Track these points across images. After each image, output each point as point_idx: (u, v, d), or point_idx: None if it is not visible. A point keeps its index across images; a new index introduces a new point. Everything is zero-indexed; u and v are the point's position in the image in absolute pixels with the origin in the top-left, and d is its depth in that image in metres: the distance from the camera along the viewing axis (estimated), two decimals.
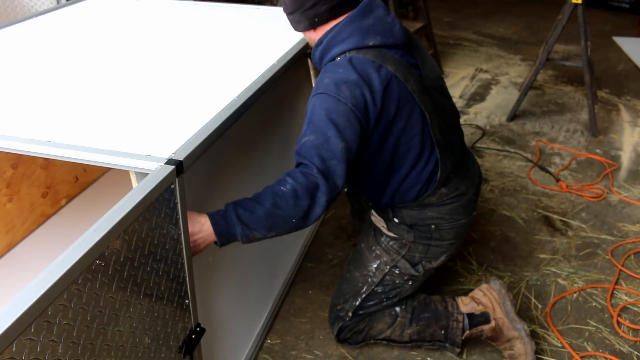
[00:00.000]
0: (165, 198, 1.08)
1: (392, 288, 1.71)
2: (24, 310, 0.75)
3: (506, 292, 1.76)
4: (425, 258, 1.68)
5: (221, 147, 1.35)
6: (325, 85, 1.37)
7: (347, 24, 1.44)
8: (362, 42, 1.43)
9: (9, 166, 1.73)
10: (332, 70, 1.41)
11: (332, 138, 1.33)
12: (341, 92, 1.35)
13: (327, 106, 1.35)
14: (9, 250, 1.79)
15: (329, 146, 1.33)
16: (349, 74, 1.37)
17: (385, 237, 1.69)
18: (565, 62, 3.47)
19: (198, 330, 1.32)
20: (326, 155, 1.32)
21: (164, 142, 1.19)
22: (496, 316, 1.73)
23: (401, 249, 1.68)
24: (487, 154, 3.10)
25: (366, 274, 1.71)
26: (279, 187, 1.29)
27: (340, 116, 1.34)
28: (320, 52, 1.49)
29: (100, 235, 0.90)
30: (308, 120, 1.37)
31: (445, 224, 1.64)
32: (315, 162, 1.32)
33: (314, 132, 1.34)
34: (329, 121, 1.33)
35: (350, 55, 1.42)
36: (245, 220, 1.25)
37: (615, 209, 2.62)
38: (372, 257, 1.71)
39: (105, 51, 1.72)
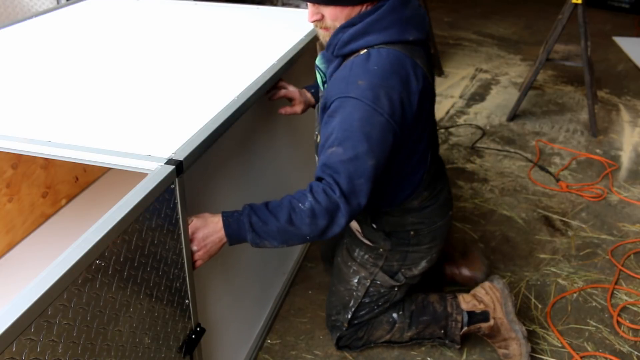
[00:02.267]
0: (165, 198, 1.08)
1: (379, 297, 1.68)
2: (24, 310, 0.75)
3: (509, 293, 1.76)
4: (404, 265, 1.64)
5: (221, 147, 1.35)
6: (360, 90, 1.20)
7: (389, 12, 1.26)
8: (401, 36, 1.26)
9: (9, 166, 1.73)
10: (365, 69, 1.22)
11: (362, 155, 1.20)
12: (379, 101, 1.20)
13: (361, 116, 1.20)
14: (9, 250, 1.78)
15: (358, 164, 1.20)
16: (387, 77, 1.22)
17: (358, 250, 1.64)
18: (565, 62, 3.47)
19: (198, 330, 1.32)
20: (354, 173, 1.20)
21: (164, 142, 1.19)
22: (496, 315, 1.73)
23: (377, 261, 1.62)
24: (487, 154, 3.10)
25: (350, 288, 1.69)
26: (298, 203, 1.21)
27: (376, 130, 1.20)
28: (349, 36, 1.27)
29: (100, 235, 0.90)
30: (337, 127, 1.21)
31: (424, 229, 1.59)
32: (341, 182, 1.20)
33: (342, 145, 1.20)
34: (362, 135, 1.19)
35: (385, 51, 1.24)
36: (258, 229, 1.21)
37: (615, 209, 2.62)
38: (350, 272, 1.67)
39: (105, 51, 1.72)
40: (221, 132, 1.29)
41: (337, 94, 1.24)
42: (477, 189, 2.76)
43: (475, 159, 3.05)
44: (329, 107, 1.26)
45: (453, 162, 3.01)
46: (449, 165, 2.97)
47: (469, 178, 2.85)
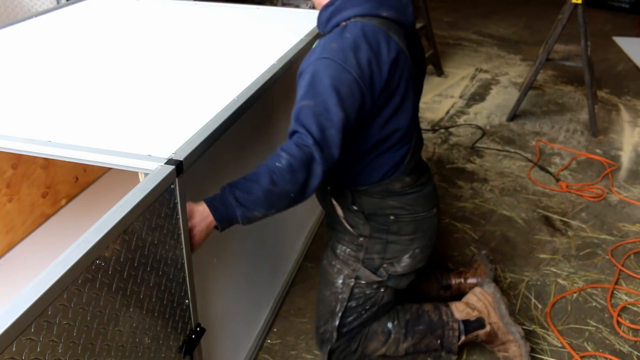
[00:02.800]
0: (165, 198, 1.08)
1: (365, 299, 1.64)
2: (24, 310, 0.75)
3: (500, 296, 1.74)
4: (385, 259, 1.61)
5: (221, 147, 1.35)
6: (331, 51, 1.30)
7: None
8: (375, 10, 1.36)
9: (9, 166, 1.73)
10: (340, 35, 1.33)
11: (332, 107, 1.28)
12: (348, 59, 1.29)
13: (331, 73, 1.28)
14: (9, 250, 1.79)
15: (329, 115, 1.27)
16: (358, 42, 1.31)
17: (340, 246, 1.63)
18: (565, 62, 3.47)
19: (198, 330, 1.32)
20: (325, 123, 1.27)
21: (164, 142, 1.19)
22: (491, 320, 1.70)
23: (358, 253, 1.60)
24: (487, 154, 3.10)
25: (335, 291, 1.66)
26: (274, 163, 1.25)
27: (344, 85, 1.28)
28: (330, 13, 1.41)
29: (100, 235, 0.90)
30: (308, 84, 1.30)
31: (405, 215, 1.57)
32: (312, 130, 1.27)
33: (313, 98, 1.28)
34: (332, 89, 1.27)
35: (360, 22, 1.35)
36: (244, 201, 1.22)
37: (615, 209, 2.62)
38: (334, 272, 1.65)
39: (105, 51, 1.72)
40: (221, 132, 1.29)
41: (313, 58, 1.32)
42: (477, 189, 2.76)
43: (475, 159, 3.05)
44: (304, 71, 1.34)
45: (453, 162, 3.01)
46: (449, 165, 2.97)
47: (469, 178, 2.86)
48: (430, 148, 3.15)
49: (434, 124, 3.46)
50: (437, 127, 3.41)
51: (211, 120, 1.29)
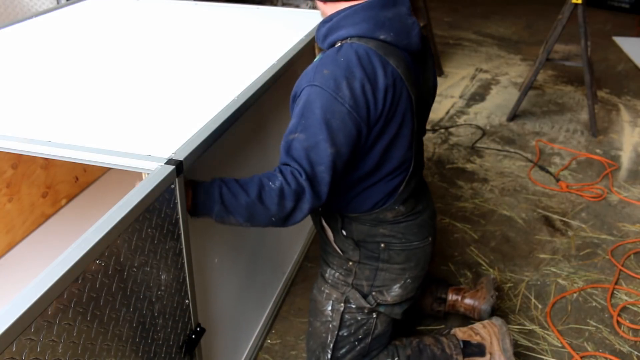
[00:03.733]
0: (165, 198, 1.08)
1: (357, 327, 1.56)
2: (24, 310, 0.75)
3: (507, 331, 1.68)
4: (374, 287, 1.52)
5: (221, 147, 1.35)
6: (324, 79, 1.23)
7: (363, 9, 1.29)
8: (372, 33, 1.28)
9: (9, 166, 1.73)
10: (333, 60, 1.25)
11: (322, 142, 1.22)
12: (340, 90, 1.21)
13: (322, 104, 1.22)
14: (9, 250, 1.78)
15: (318, 151, 1.22)
16: (352, 68, 1.23)
17: (329, 270, 1.56)
18: (565, 62, 3.47)
19: (198, 330, 1.32)
20: (314, 159, 1.22)
21: (164, 142, 1.19)
22: (493, 350, 1.65)
23: (347, 278, 1.53)
24: (487, 154, 3.10)
25: (325, 320, 1.57)
26: (268, 181, 1.21)
27: (336, 118, 1.22)
28: (327, 30, 1.34)
29: (100, 235, 0.90)
30: (300, 114, 1.25)
31: (396, 244, 1.49)
32: (304, 166, 1.22)
33: (304, 131, 1.23)
34: (323, 122, 1.21)
35: (356, 45, 1.26)
36: (227, 202, 1.19)
37: (615, 209, 2.62)
38: (324, 298, 1.58)
39: (105, 51, 1.72)
40: (221, 132, 1.29)
41: (305, 82, 1.27)
42: (477, 189, 2.76)
43: (475, 159, 3.05)
44: (299, 95, 1.29)
45: (453, 162, 3.01)
46: (449, 165, 2.97)
47: (469, 178, 2.86)
48: (430, 148, 3.15)
49: (434, 124, 3.46)
50: (437, 127, 3.41)
51: (211, 120, 1.29)
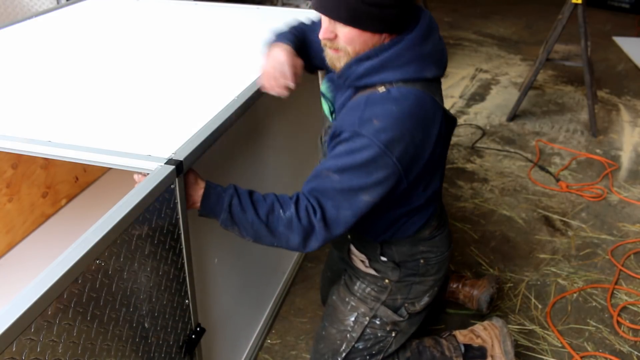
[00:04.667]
0: (165, 198, 1.08)
1: (374, 343, 1.52)
2: (24, 310, 0.75)
3: (508, 332, 1.68)
4: (407, 299, 1.51)
5: (221, 147, 1.35)
6: (374, 130, 1.12)
7: (408, 48, 1.16)
8: (420, 73, 1.17)
9: (9, 166, 1.73)
10: (383, 109, 1.13)
11: (359, 192, 1.15)
12: (391, 145, 1.12)
13: (369, 155, 1.12)
14: (9, 250, 1.79)
15: (351, 199, 1.15)
16: (405, 120, 1.13)
17: (359, 284, 1.51)
18: (565, 62, 3.47)
19: (198, 330, 1.32)
20: (343, 204, 1.16)
21: (164, 142, 1.19)
22: (494, 353, 1.65)
23: (380, 294, 1.49)
24: (487, 154, 3.10)
25: (344, 330, 1.53)
26: (279, 208, 1.17)
27: (380, 170, 1.13)
28: (366, 69, 1.17)
29: (100, 235, 0.90)
30: (341, 156, 1.15)
31: (432, 258, 1.49)
32: (326, 208, 1.16)
33: (341, 174, 1.14)
34: (365, 172, 1.13)
35: (405, 91, 1.15)
36: (234, 213, 1.17)
37: (615, 209, 2.62)
38: (347, 309, 1.52)
39: (105, 51, 1.72)
40: (221, 132, 1.29)
41: (350, 126, 1.16)
42: (477, 189, 2.76)
43: (475, 159, 3.05)
44: (339, 136, 1.18)
45: (453, 162, 3.01)
46: (449, 165, 2.97)
47: (469, 178, 2.86)
48: None
49: None
50: None
51: (211, 120, 1.29)
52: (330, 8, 1.11)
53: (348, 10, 1.10)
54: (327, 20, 1.15)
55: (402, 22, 1.15)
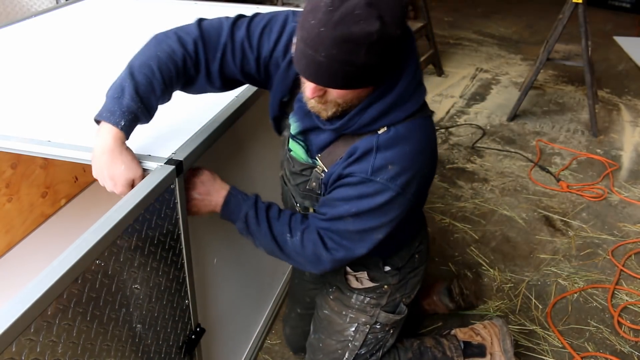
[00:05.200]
0: (165, 198, 1.07)
1: (375, 344, 1.52)
2: (24, 310, 0.75)
3: (507, 331, 1.68)
4: (405, 295, 1.51)
5: (221, 147, 1.35)
6: (389, 176, 1.07)
7: (411, 81, 1.07)
8: (419, 101, 1.11)
9: (9, 166, 1.72)
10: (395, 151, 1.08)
11: (375, 231, 1.14)
12: (408, 186, 1.09)
13: (385, 200, 1.09)
14: (8, 250, 1.78)
15: (366, 237, 1.14)
16: (418, 157, 1.09)
17: (355, 296, 1.47)
18: (565, 62, 3.47)
19: (198, 330, 1.32)
20: (358, 244, 1.15)
21: (163, 142, 1.19)
22: (493, 351, 1.66)
23: (380, 300, 1.46)
24: (487, 153, 3.10)
25: (344, 340, 1.49)
26: (288, 231, 1.18)
27: (395, 209, 1.11)
28: (372, 117, 1.07)
29: (100, 235, 0.89)
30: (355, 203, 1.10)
31: (423, 247, 1.50)
32: (341, 247, 1.16)
33: (356, 217, 1.12)
34: (381, 214, 1.11)
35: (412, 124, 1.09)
36: (250, 224, 1.19)
37: (615, 209, 2.62)
38: (346, 322, 1.49)
39: (104, 51, 1.72)
40: (221, 132, 1.28)
41: (361, 173, 1.09)
42: (477, 189, 2.76)
43: (475, 158, 3.05)
44: (345, 178, 1.12)
45: (453, 162, 3.01)
46: (449, 165, 2.97)
47: (469, 178, 2.85)
48: None
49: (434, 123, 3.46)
50: (438, 127, 3.41)
51: (211, 120, 1.28)
52: (323, 79, 0.98)
53: (344, 79, 0.97)
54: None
55: (397, 64, 1.04)
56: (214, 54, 1.16)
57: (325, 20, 0.90)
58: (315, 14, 0.91)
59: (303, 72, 0.99)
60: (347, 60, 0.92)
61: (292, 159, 1.25)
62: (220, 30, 1.20)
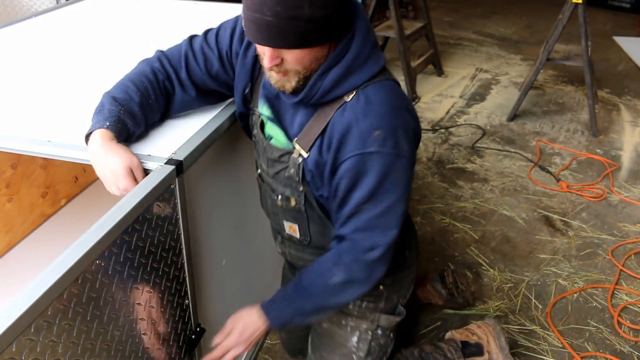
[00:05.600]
0: (165, 198, 1.07)
1: (379, 350, 1.48)
2: (24, 310, 0.75)
3: (501, 329, 1.71)
4: (400, 295, 1.48)
5: (221, 147, 1.35)
6: (379, 141, 1.06)
7: (364, 42, 1.08)
8: (379, 63, 1.10)
9: (9, 166, 1.72)
10: (374, 115, 1.07)
11: (395, 206, 1.12)
12: (399, 145, 1.08)
13: (386, 168, 1.08)
14: (8, 250, 1.78)
15: (392, 213, 1.13)
16: (397, 114, 1.09)
17: (352, 303, 1.43)
18: (565, 62, 3.47)
19: (198, 330, 1.32)
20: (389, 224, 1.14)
21: (163, 142, 1.19)
22: (490, 349, 1.67)
23: (378, 303, 1.43)
24: (487, 153, 3.10)
25: (348, 353, 1.45)
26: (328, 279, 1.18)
27: (401, 173, 1.10)
28: (333, 81, 1.07)
29: (100, 235, 0.89)
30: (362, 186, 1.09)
31: (413, 242, 1.47)
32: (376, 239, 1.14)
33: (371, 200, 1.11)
34: (391, 185, 1.10)
35: (378, 85, 1.09)
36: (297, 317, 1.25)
37: (615, 209, 2.62)
38: (347, 332, 1.45)
39: (104, 51, 1.72)
40: (221, 133, 1.28)
41: (350, 152, 1.08)
42: (477, 189, 2.76)
43: (475, 158, 3.05)
44: (340, 167, 1.11)
45: (453, 162, 3.01)
46: (449, 165, 2.97)
47: (469, 178, 2.85)
48: (430, 148, 3.15)
49: (434, 123, 3.46)
50: (437, 127, 3.41)
51: (211, 120, 1.28)
52: (275, 39, 0.98)
53: (294, 35, 0.98)
54: (269, 48, 1.02)
55: (346, 21, 1.06)
56: (179, 64, 1.24)
57: None
58: None
59: (255, 38, 1.00)
60: (293, 16, 0.94)
61: (271, 147, 1.23)
62: (179, 47, 1.28)
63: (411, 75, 3.78)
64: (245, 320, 1.24)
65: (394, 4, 3.66)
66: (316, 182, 1.18)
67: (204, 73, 1.24)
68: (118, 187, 1.09)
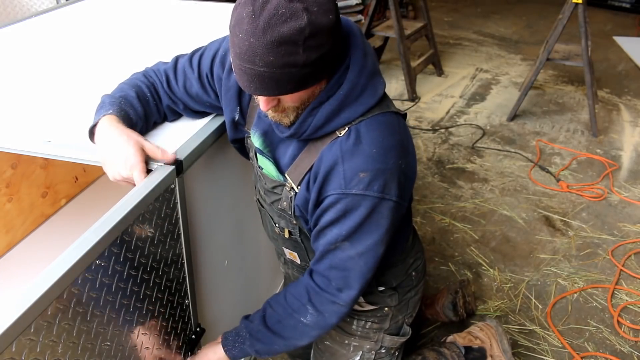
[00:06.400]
0: (165, 198, 1.07)
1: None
2: (24, 310, 0.75)
3: (503, 331, 1.69)
4: (407, 315, 1.44)
5: (221, 147, 1.35)
6: (364, 184, 1.00)
7: (360, 72, 1.01)
8: (375, 95, 1.03)
9: (9, 166, 1.72)
10: (362, 156, 1.01)
11: (373, 246, 1.07)
12: (387, 188, 1.02)
13: (369, 211, 1.03)
14: (8, 250, 1.78)
15: (369, 256, 1.08)
16: (387, 156, 1.02)
17: (356, 323, 1.40)
18: (565, 62, 3.47)
19: (198, 330, 1.32)
20: (365, 267, 1.09)
21: (163, 142, 1.19)
22: (493, 353, 1.65)
23: (383, 324, 1.39)
24: (487, 153, 3.10)
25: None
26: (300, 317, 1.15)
27: (385, 216, 1.05)
28: (325, 117, 1.01)
29: (100, 235, 0.89)
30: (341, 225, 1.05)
31: (419, 264, 1.43)
32: (352, 282, 1.10)
33: (352, 242, 1.07)
34: (372, 227, 1.05)
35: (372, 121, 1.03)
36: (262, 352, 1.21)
37: (615, 209, 2.62)
38: (350, 351, 1.41)
39: (104, 51, 1.72)
40: (221, 132, 1.28)
41: (334, 190, 1.03)
42: (477, 189, 2.76)
43: (475, 158, 3.05)
44: (323, 201, 1.06)
45: (453, 162, 3.01)
46: (449, 165, 2.97)
47: (469, 178, 2.85)
48: (430, 148, 3.15)
49: (434, 123, 3.46)
50: (437, 127, 3.41)
51: (211, 120, 1.28)
52: (270, 89, 0.92)
53: (290, 82, 0.91)
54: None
55: (342, 53, 0.99)
56: (159, 81, 1.24)
57: (252, 30, 0.86)
58: (240, 26, 0.88)
59: (248, 88, 0.93)
60: (287, 63, 0.87)
61: (264, 176, 1.20)
62: (165, 64, 1.28)
63: (411, 75, 3.78)
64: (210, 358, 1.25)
65: (394, 4, 3.66)
66: (305, 217, 1.14)
67: (184, 93, 1.22)
68: (125, 168, 1.06)
